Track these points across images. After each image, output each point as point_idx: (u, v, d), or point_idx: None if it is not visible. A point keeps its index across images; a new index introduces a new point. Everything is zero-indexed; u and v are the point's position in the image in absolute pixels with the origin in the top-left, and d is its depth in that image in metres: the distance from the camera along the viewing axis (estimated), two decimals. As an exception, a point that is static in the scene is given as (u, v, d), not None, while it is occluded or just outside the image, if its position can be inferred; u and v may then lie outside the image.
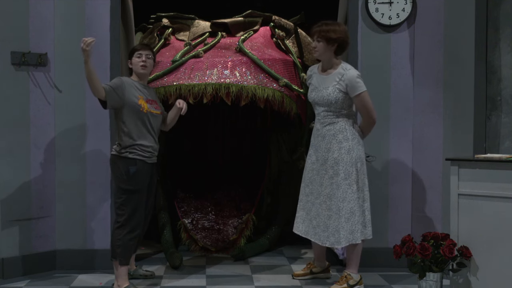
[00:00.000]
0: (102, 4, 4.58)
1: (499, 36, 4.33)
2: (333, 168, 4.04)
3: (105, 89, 3.96)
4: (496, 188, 3.63)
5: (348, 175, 4.02)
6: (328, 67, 4.14)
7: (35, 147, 4.50)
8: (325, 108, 4.09)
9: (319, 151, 4.12)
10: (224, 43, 5.25)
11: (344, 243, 4.02)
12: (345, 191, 4.01)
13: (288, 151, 5.55)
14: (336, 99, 4.03)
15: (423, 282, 3.80)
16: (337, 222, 4.01)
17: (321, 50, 4.08)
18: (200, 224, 5.36)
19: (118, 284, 4.05)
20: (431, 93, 4.64)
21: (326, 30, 4.04)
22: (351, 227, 4.02)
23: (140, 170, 4.01)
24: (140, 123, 4.04)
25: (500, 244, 3.62)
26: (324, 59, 4.13)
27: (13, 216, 4.41)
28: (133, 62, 4.15)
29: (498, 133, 4.32)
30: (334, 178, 4.03)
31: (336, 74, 4.08)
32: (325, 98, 4.05)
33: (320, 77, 4.16)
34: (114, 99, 3.99)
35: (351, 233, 4.01)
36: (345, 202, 4.01)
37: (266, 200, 5.56)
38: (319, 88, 4.12)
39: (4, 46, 4.35)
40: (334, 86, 4.05)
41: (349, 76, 4.03)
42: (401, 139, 4.69)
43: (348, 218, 4.01)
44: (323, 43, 4.05)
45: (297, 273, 4.46)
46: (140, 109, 4.03)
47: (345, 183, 4.02)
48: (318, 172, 4.11)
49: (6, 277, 4.36)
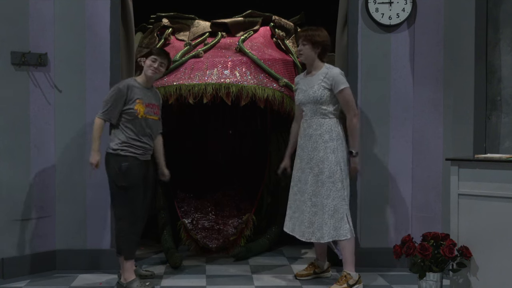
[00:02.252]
0: (102, 4, 4.59)
1: (499, 36, 4.33)
2: (318, 166, 4.15)
3: (104, 120, 4.08)
4: (496, 188, 3.62)
5: (332, 173, 4.13)
6: (313, 69, 4.28)
7: (35, 147, 4.50)
8: (311, 107, 4.20)
9: (305, 150, 4.23)
10: (224, 43, 5.25)
11: (327, 238, 4.13)
12: (329, 189, 4.12)
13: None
14: (322, 96, 4.16)
15: (423, 282, 3.80)
16: (321, 218, 4.13)
17: (306, 53, 4.24)
18: (200, 224, 5.36)
19: (125, 278, 4.13)
20: (431, 93, 4.64)
21: (311, 35, 4.23)
22: (335, 223, 4.11)
23: (132, 166, 4.05)
24: (134, 127, 4.07)
25: (500, 244, 3.62)
26: (309, 62, 4.28)
27: (13, 216, 4.41)
28: (146, 63, 4.15)
29: (498, 133, 4.32)
30: (319, 176, 4.15)
31: (320, 73, 4.23)
32: (311, 96, 4.18)
33: (306, 79, 4.31)
34: (117, 113, 4.06)
35: (334, 230, 4.11)
36: (329, 199, 4.11)
37: (266, 200, 5.56)
38: (305, 89, 4.25)
39: (4, 46, 4.35)
40: (319, 84, 4.18)
41: (333, 73, 4.19)
42: (401, 139, 4.69)
43: (331, 215, 4.11)
44: (308, 46, 4.22)
45: (300, 273, 4.49)
46: (135, 115, 4.06)
47: (329, 181, 4.13)
48: (304, 170, 4.22)
49: (6, 277, 4.36)
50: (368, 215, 4.66)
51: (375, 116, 4.65)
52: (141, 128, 4.09)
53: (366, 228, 4.65)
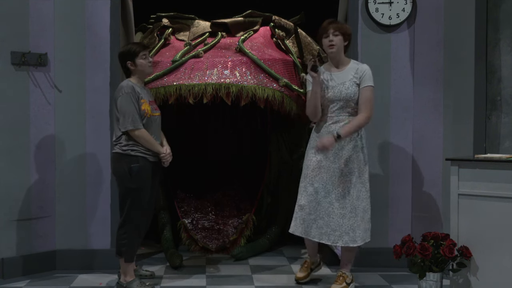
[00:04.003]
0: (102, 4, 4.59)
1: (499, 36, 4.33)
2: (347, 166, 4.01)
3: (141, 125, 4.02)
4: (496, 188, 3.62)
5: (361, 173, 4.04)
6: (341, 63, 4.13)
7: (35, 147, 4.50)
8: (341, 104, 4.04)
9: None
10: (224, 43, 5.24)
11: (359, 241, 4.02)
12: (360, 190, 4.02)
13: (288, 151, 5.55)
14: (355, 93, 4.02)
15: (423, 282, 3.80)
16: (352, 220, 3.99)
17: (339, 44, 4.06)
18: (200, 224, 5.36)
19: (125, 278, 4.13)
20: (431, 93, 4.64)
21: (342, 26, 4.10)
22: (365, 225, 4.04)
23: (143, 167, 4.02)
24: (144, 127, 4.04)
25: (500, 244, 3.62)
26: (338, 55, 4.10)
27: (13, 216, 4.41)
28: (141, 64, 4.10)
29: (498, 133, 4.32)
30: (348, 176, 4.01)
31: (351, 68, 4.09)
32: (344, 93, 4.02)
33: (334, 74, 4.11)
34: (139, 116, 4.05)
35: (365, 232, 4.04)
36: (359, 200, 4.02)
37: (266, 200, 5.56)
38: (333, 85, 4.07)
39: (4, 46, 4.35)
40: (351, 80, 4.05)
41: (365, 68, 4.08)
42: (401, 139, 4.69)
43: (363, 217, 4.03)
44: (341, 37, 4.05)
45: (300, 276, 4.32)
46: (144, 115, 4.04)
47: (359, 181, 4.02)
48: (328, 170, 4.03)
49: (6, 277, 4.36)
50: (368, 215, 4.65)
51: (375, 116, 4.61)
52: (149, 127, 4.06)
53: (366, 228, 4.65)
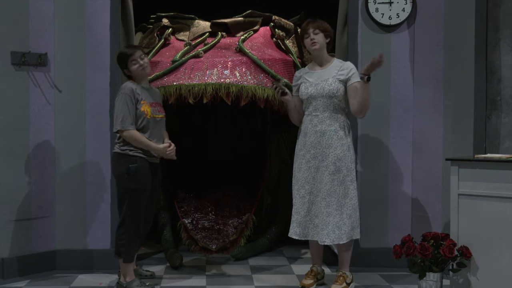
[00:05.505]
0: (102, 4, 4.59)
1: (499, 36, 4.33)
2: (335, 164, 4.01)
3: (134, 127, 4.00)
4: (496, 188, 3.62)
5: (349, 171, 4.04)
6: (325, 61, 4.17)
7: (35, 147, 4.50)
8: (324, 101, 4.05)
9: (318, 147, 4.06)
10: (224, 43, 5.25)
11: (345, 239, 4.01)
12: (348, 187, 4.02)
13: (288, 151, 5.55)
14: (337, 89, 4.04)
15: (423, 282, 3.80)
16: (338, 218, 3.99)
17: (321, 41, 4.10)
18: (200, 224, 5.36)
19: (125, 278, 4.13)
20: (431, 93, 4.64)
21: (321, 24, 4.12)
22: (353, 223, 4.04)
23: (141, 168, 4.01)
24: (142, 128, 4.03)
25: (500, 244, 3.62)
26: (320, 53, 4.14)
27: (13, 216, 4.41)
28: (133, 69, 4.07)
29: (498, 133, 4.32)
30: (336, 174, 4.01)
31: (334, 66, 4.13)
32: (326, 89, 4.04)
33: (315, 72, 4.16)
34: (134, 117, 4.02)
35: (352, 229, 4.04)
36: (347, 198, 4.02)
37: (266, 200, 5.56)
38: (316, 82, 4.10)
39: (4, 46, 4.35)
40: (334, 77, 4.08)
41: (349, 65, 4.14)
42: (401, 139, 4.69)
43: (350, 215, 4.02)
44: (321, 35, 4.10)
45: (307, 283, 4.20)
46: (143, 116, 4.03)
47: (348, 179, 4.03)
48: (317, 169, 4.05)
49: (6, 277, 4.36)
50: (368, 215, 4.65)
51: (375, 116, 4.64)
52: (150, 128, 4.05)
53: (366, 228, 4.65)
